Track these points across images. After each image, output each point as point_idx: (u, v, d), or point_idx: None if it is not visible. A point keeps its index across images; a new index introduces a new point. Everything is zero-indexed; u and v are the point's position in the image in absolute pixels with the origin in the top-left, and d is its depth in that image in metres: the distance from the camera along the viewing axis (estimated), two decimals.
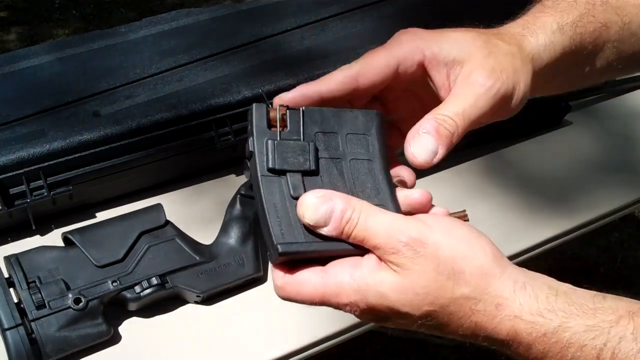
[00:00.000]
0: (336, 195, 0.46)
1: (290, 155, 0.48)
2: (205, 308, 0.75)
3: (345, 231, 0.46)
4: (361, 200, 0.47)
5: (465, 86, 0.50)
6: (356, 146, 0.50)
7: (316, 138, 0.49)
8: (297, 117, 0.49)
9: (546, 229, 0.86)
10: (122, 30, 0.96)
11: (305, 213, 0.46)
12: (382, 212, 0.46)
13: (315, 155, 0.49)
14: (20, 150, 0.77)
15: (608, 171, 0.95)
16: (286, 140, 0.48)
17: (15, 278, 0.69)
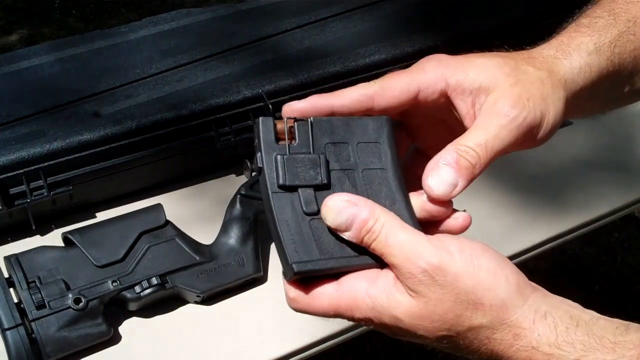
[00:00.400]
0: (362, 202, 0.45)
1: (300, 170, 0.46)
2: (205, 308, 0.75)
3: (365, 241, 0.45)
4: (387, 212, 0.45)
5: (489, 116, 0.48)
6: (368, 155, 0.48)
7: (326, 149, 0.48)
8: (305, 129, 0.47)
9: (546, 228, 0.86)
10: (122, 30, 0.96)
11: (327, 215, 0.45)
12: (404, 229, 0.44)
13: (327, 168, 0.47)
14: (20, 150, 0.77)
15: (608, 171, 0.95)
16: (296, 154, 0.47)
17: (15, 278, 0.69)
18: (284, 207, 0.46)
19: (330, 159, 0.47)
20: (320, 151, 0.47)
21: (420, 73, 0.50)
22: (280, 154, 0.46)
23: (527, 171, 0.94)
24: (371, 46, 0.94)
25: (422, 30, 0.98)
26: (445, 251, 0.43)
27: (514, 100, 0.48)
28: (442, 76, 0.50)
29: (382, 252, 0.44)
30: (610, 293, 1.79)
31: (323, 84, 0.89)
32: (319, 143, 0.47)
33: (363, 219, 0.44)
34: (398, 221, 0.45)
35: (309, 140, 0.47)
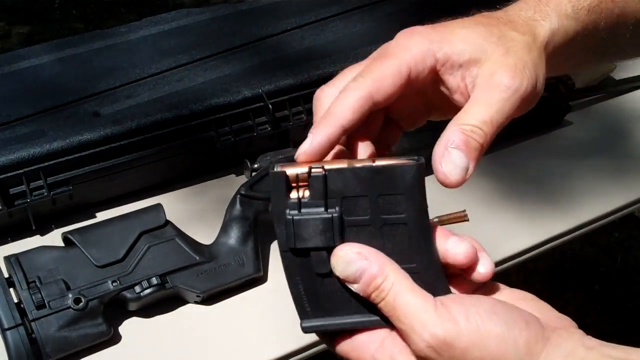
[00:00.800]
0: (373, 257, 0.43)
1: (312, 233, 0.43)
2: (205, 308, 0.75)
3: (373, 298, 0.43)
4: (397, 270, 0.43)
5: (489, 89, 0.47)
6: (389, 208, 0.43)
7: (342, 204, 0.43)
8: (319, 183, 0.43)
9: (546, 229, 0.86)
10: (122, 30, 0.96)
11: (336, 265, 0.43)
12: (413, 292, 0.42)
13: (340, 227, 0.43)
14: (20, 150, 0.77)
15: (608, 171, 0.95)
16: (307, 213, 0.43)
17: (15, 278, 0.69)
18: (294, 265, 0.44)
19: (346, 215, 0.43)
20: (335, 205, 0.43)
21: (406, 52, 0.48)
22: (291, 212, 0.43)
23: (526, 171, 0.94)
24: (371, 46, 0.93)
25: None
26: (452, 322, 0.41)
27: (511, 70, 0.47)
28: (429, 51, 0.47)
29: (390, 314, 0.43)
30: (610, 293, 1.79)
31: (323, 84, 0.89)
32: (334, 196, 0.43)
33: (371, 274, 0.42)
34: (408, 282, 0.43)
35: (322, 194, 0.43)
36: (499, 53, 0.47)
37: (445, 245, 0.45)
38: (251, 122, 0.87)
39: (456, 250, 0.44)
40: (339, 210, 0.43)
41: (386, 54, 0.48)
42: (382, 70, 0.47)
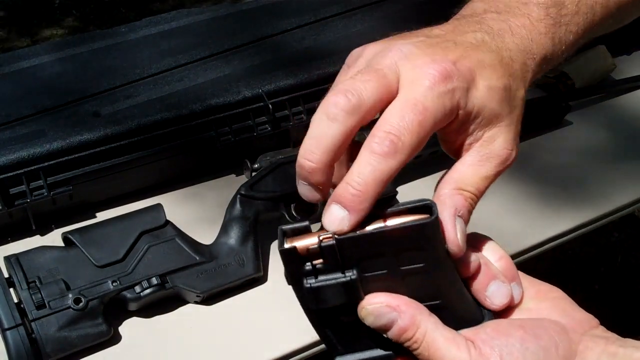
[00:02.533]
0: (404, 307, 0.43)
1: (332, 296, 0.43)
2: (205, 308, 0.75)
3: (405, 346, 0.43)
4: (428, 319, 0.43)
5: (488, 157, 0.46)
6: (407, 261, 0.42)
7: (359, 265, 0.42)
8: (332, 251, 0.42)
9: (546, 229, 0.86)
10: (122, 30, 0.96)
11: (366, 319, 0.43)
12: (446, 340, 0.42)
13: (360, 286, 0.42)
14: (20, 150, 0.77)
15: (608, 171, 0.95)
16: (325, 280, 0.42)
17: (15, 278, 0.69)
18: (320, 319, 0.44)
19: (365, 271, 0.42)
20: (352, 267, 0.42)
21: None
22: (308, 281, 0.43)
23: (526, 172, 0.94)
24: None
25: None
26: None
27: (512, 142, 0.47)
28: (454, 107, 0.44)
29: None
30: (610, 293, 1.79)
31: (323, 84, 0.89)
32: (350, 260, 0.42)
33: (401, 327, 0.42)
34: (439, 330, 0.43)
35: (337, 262, 0.42)
36: (507, 121, 0.46)
37: (485, 292, 0.45)
38: (251, 122, 0.87)
39: (494, 301, 0.45)
40: (357, 272, 0.42)
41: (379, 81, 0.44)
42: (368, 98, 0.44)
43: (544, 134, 1.00)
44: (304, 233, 0.43)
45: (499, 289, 0.45)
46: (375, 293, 0.43)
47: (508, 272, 0.46)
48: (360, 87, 0.43)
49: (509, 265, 0.47)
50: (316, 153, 0.43)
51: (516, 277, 0.46)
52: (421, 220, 0.41)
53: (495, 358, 0.42)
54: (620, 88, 1.08)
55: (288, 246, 0.42)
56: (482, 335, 0.43)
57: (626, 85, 1.08)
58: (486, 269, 0.45)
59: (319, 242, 0.42)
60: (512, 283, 0.46)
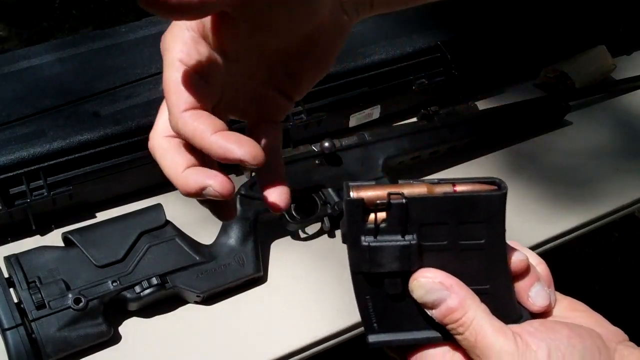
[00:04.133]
0: (456, 288, 0.42)
1: (388, 259, 0.42)
2: (205, 308, 0.75)
3: (448, 328, 0.43)
4: (477, 306, 0.42)
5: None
6: (468, 234, 0.42)
7: (420, 230, 0.42)
8: (398, 211, 0.41)
9: (546, 229, 0.86)
10: (122, 30, 0.96)
11: (415, 290, 0.43)
12: (493, 329, 0.42)
13: (417, 254, 0.42)
14: (20, 150, 0.77)
15: (608, 171, 0.95)
16: (384, 240, 0.42)
17: (15, 278, 0.69)
18: (365, 286, 0.43)
19: (423, 239, 0.42)
20: (413, 232, 0.42)
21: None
22: (367, 239, 0.42)
23: (526, 173, 0.94)
24: (371, 46, 0.94)
25: (422, 30, 0.98)
26: (534, 356, 0.41)
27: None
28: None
29: (469, 349, 0.43)
30: (610, 293, 1.79)
31: (323, 84, 0.89)
32: (413, 223, 0.41)
33: (450, 307, 0.42)
34: (488, 318, 0.42)
35: (401, 222, 0.41)
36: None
37: (529, 292, 0.45)
38: None
39: (536, 302, 0.45)
40: (417, 237, 0.42)
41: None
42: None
43: (544, 134, 1.00)
44: (371, 189, 0.42)
45: (541, 291, 0.46)
46: (430, 268, 0.43)
47: (546, 278, 0.47)
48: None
49: (546, 272, 0.47)
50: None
51: (552, 284, 0.47)
52: (491, 191, 0.41)
53: (543, 351, 0.41)
54: (620, 88, 1.08)
55: (355, 196, 0.41)
56: (529, 328, 0.43)
57: (626, 85, 1.08)
58: (532, 270, 0.46)
59: (388, 197, 0.41)
60: (549, 289, 0.46)
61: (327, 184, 0.83)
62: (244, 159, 0.42)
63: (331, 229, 0.83)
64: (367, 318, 0.44)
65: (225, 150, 0.42)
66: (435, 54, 0.96)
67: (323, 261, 0.81)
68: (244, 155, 0.43)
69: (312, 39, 0.45)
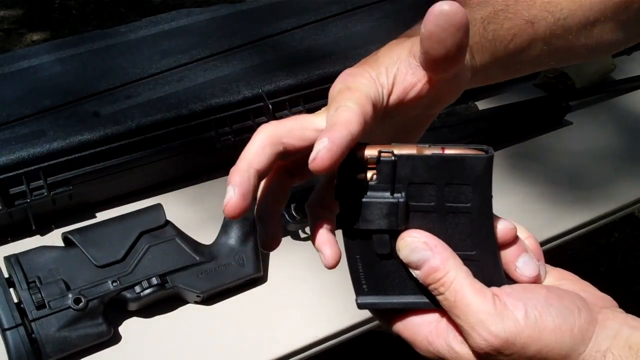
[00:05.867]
0: (439, 249, 0.43)
1: (376, 216, 0.43)
2: (205, 308, 0.75)
3: (431, 288, 0.44)
4: (459, 267, 0.43)
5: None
6: (455, 196, 0.43)
7: (408, 189, 0.43)
8: (387, 167, 0.42)
9: (546, 229, 0.86)
10: (122, 30, 0.96)
11: (401, 249, 0.44)
12: (474, 290, 0.43)
13: (405, 213, 0.43)
14: (20, 150, 0.77)
15: (608, 171, 0.95)
16: (374, 196, 0.43)
17: (15, 278, 0.69)
18: (355, 244, 0.44)
19: (412, 200, 0.43)
20: (401, 191, 0.43)
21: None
22: (357, 193, 0.43)
23: (526, 173, 0.94)
24: (371, 46, 0.94)
25: None
26: (512, 320, 0.42)
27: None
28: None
29: (448, 309, 0.43)
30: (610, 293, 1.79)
31: (323, 84, 0.89)
32: (401, 182, 0.43)
33: (432, 266, 0.43)
34: (468, 280, 0.43)
35: (390, 179, 0.42)
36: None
37: (516, 262, 0.46)
38: (251, 122, 0.87)
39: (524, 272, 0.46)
40: (405, 196, 0.43)
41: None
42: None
43: (544, 134, 1.00)
44: (365, 147, 0.43)
45: (529, 261, 0.46)
46: (417, 229, 0.43)
47: (535, 250, 0.48)
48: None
49: (536, 245, 0.48)
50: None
51: (542, 257, 0.48)
52: (477, 154, 0.42)
53: (519, 310, 0.42)
54: (620, 88, 1.08)
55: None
56: (507, 289, 0.44)
57: (626, 85, 1.08)
58: (520, 242, 0.47)
59: (378, 154, 0.42)
60: (538, 262, 0.47)
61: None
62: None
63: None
64: (357, 279, 0.45)
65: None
66: None
67: None
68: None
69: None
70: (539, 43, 0.56)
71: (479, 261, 0.44)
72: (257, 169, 0.45)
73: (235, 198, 0.45)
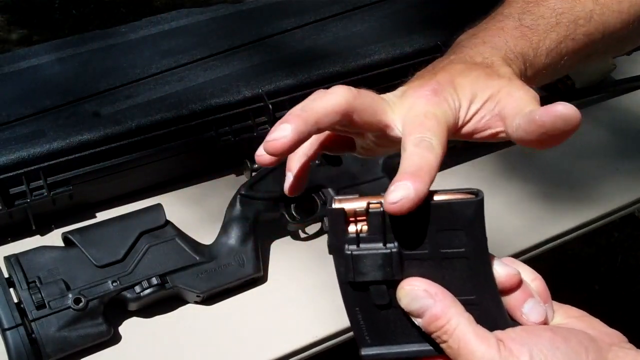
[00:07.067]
0: (440, 297, 0.43)
1: (371, 268, 0.43)
2: (205, 308, 0.75)
3: (434, 337, 0.44)
4: (461, 313, 0.43)
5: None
6: (448, 243, 0.43)
7: (401, 239, 0.43)
8: (377, 219, 0.43)
9: (546, 229, 0.86)
10: (122, 30, 0.96)
11: (402, 298, 0.44)
12: (476, 338, 0.42)
13: (400, 262, 0.43)
14: (20, 150, 0.77)
15: (607, 171, 0.95)
16: (366, 249, 0.43)
17: (15, 278, 0.69)
18: (353, 297, 0.44)
19: (405, 248, 0.43)
20: (393, 240, 0.43)
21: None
22: (350, 247, 0.43)
23: (525, 172, 0.94)
24: (371, 46, 0.94)
25: (422, 30, 0.98)
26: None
27: (522, 85, 0.51)
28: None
29: (453, 357, 0.43)
30: (610, 293, 1.79)
31: (323, 84, 0.89)
32: (393, 232, 0.43)
33: (434, 314, 0.43)
34: (471, 327, 0.43)
35: (380, 230, 0.43)
36: (505, 83, 0.50)
37: (522, 308, 0.45)
38: (251, 122, 0.87)
39: (530, 317, 0.45)
40: (397, 245, 0.43)
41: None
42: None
43: None
44: (353, 200, 0.44)
45: (536, 306, 0.45)
46: (416, 277, 0.43)
47: (542, 293, 0.47)
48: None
49: (543, 287, 0.47)
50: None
51: (549, 299, 0.47)
52: (466, 198, 0.42)
53: (524, 355, 0.42)
54: (620, 88, 1.08)
55: (336, 206, 0.43)
56: (511, 334, 0.43)
57: (626, 85, 1.08)
58: (525, 286, 0.46)
59: (367, 206, 0.43)
60: (545, 305, 0.46)
61: (327, 184, 0.83)
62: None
63: None
64: (359, 331, 0.45)
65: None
66: (435, 54, 0.96)
67: (323, 261, 0.80)
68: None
69: None
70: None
71: (480, 305, 0.44)
72: (319, 127, 0.45)
73: (292, 180, 0.50)
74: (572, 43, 0.58)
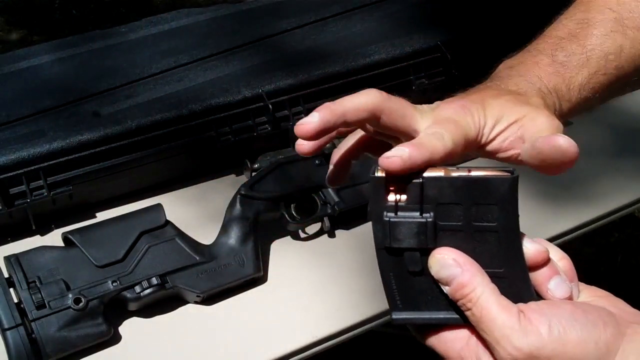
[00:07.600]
0: (467, 266, 0.45)
1: (406, 235, 0.45)
2: (205, 308, 0.75)
3: (459, 304, 0.45)
4: (486, 283, 0.45)
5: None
6: (482, 216, 0.45)
7: (436, 210, 0.45)
8: (416, 189, 0.45)
9: (546, 229, 0.86)
10: (122, 30, 0.96)
11: (432, 266, 0.46)
12: (499, 306, 0.44)
13: (434, 231, 0.45)
14: (20, 150, 0.77)
15: (607, 171, 0.95)
16: (403, 216, 0.45)
17: (15, 278, 0.69)
18: (388, 262, 0.46)
19: (439, 220, 0.45)
20: (429, 211, 0.45)
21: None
22: (388, 214, 0.45)
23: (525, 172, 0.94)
24: (371, 46, 0.94)
25: (422, 30, 0.98)
26: (535, 335, 0.43)
27: (548, 115, 0.54)
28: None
29: (475, 324, 0.45)
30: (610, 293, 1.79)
31: (323, 84, 0.89)
32: (429, 202, 0.45)
33: (460, 282, 0.45)
34: (494, 296, 0.45)
35: (418, 200, 0.45)
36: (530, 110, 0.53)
37: (548, 285, 0.47)
38: (251, 122, 0.87)
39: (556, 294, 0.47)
40: (433, 216, 0.45)
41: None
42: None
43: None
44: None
45: (561, 284, 0.47)
46: (447, 247, 0.45)
47: (569, 272, 0.48)
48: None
49: (570, 266, 0.49)
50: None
51: (575, 278, 0.49)
52: (502, 175, 0.44)
53: (543, 325, 0.43)
54: None
55: (379, 174, 0.45)
56: (533, 306, 0.45)
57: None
58: (552, 264, 0.48)
59: (407, 176, 0.45)
60: (571, 283, 0.48)
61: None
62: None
63: (331, 229, 0.83)
64: (392, 295, 0.47)
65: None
66: (435, 54, 0.96)
67: (323, 261, 0.81)
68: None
69: None
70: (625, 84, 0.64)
71: (507, 278, 0.46)
72: (346, 120, 0.49)
73: (331, 169, 0.54)
74: (603, 77, 0.60)
